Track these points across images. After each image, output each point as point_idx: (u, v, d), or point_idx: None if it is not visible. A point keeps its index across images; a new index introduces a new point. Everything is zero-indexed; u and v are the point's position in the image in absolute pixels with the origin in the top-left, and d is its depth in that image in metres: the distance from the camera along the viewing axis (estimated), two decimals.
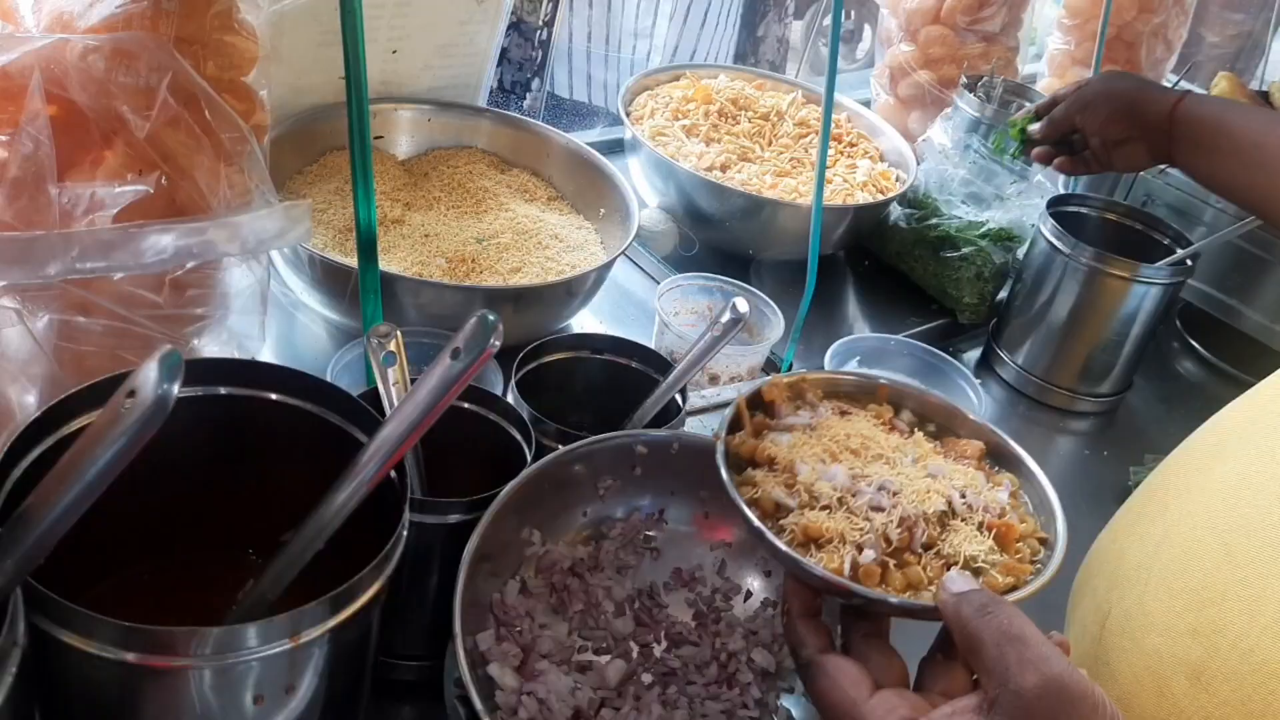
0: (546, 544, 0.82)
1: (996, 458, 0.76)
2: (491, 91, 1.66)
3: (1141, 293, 1.33)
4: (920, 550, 0.66)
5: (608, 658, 0.78)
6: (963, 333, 1.55)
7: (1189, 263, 1.35)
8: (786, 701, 0.80)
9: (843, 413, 0.76)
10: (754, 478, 0.70)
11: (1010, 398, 1.47)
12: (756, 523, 0.65)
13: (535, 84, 1.84)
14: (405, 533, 0.68)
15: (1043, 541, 0.69)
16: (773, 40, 2.45)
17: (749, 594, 0.86)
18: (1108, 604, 0.70)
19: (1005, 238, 1.49)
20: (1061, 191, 1.59)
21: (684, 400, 0.98)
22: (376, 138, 1.38)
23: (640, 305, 1.40)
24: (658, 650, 0.81)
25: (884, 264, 1.61)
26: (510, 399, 0.91)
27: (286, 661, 0.60)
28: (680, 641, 0.82)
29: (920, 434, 0.76)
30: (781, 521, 0.67)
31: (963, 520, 0.68)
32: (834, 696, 0.60)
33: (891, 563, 0.64)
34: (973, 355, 1.53)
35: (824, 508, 0.67)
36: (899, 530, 0.65)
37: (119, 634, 0.56)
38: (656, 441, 0.86)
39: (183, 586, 0.78)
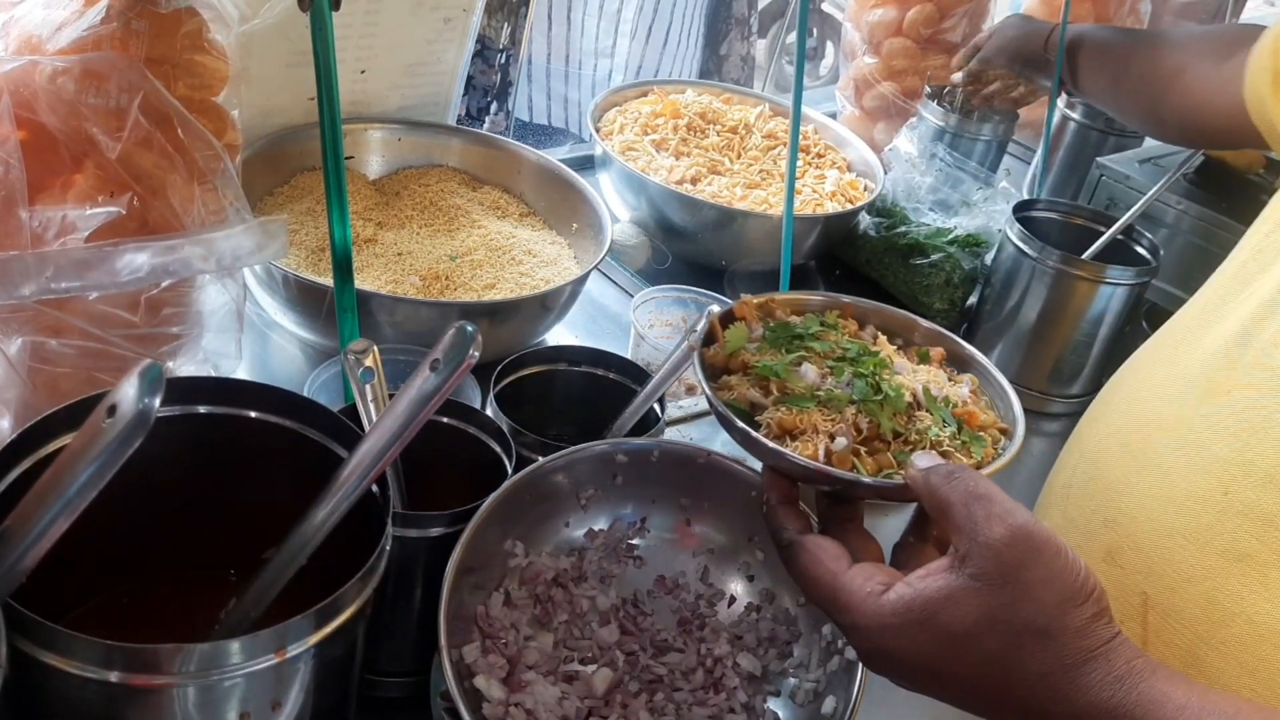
0: (530, 555, 0.82)
1: (955, 362, 0.81)
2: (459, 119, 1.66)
3: (1108, 294, 1.35)
4: (889, 439, 0.69)
5: (594, 667, 0.78)
6: None
7: (1153, 263, 1.38)
8: (773, 704, 0.80)
9: None
10: (729, 382, 0.73)
11: None
12: (736, 420, 0.68)
13: (493, 107, 1.84)
14: (389, 546, 0.67)
15: (1003, 431, 0.74)
16: (736, 59, 2.46)
17: (732, 599, 0.86)
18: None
19: (973, 243, 1.51)
20: (1026, 197, 1.61)
21: (662, 410, 0.98)
22: (347, 158, 1.38)
23: (614, 319, 1.40)
24: (644, 658, 0.81)
25: (855, 272, 1.63)
26: (489, 412, 0.91)
27: (272, 677, 0.60)
28: (666, 649, 0.82)
29: (884, 338, 0.80)
30: (758, 418, 0.70)
31: (927, 411, 0.72)
32: (815, 571, 0.62)
33: (863, 450, 0.68)
34: None
35: (797, 398, 0.70)
36: (868, 420, 0.69)
37: (101, 653, 0.55)
38: (637, 450, 0.87)
39: (163, 609, 0.77)
